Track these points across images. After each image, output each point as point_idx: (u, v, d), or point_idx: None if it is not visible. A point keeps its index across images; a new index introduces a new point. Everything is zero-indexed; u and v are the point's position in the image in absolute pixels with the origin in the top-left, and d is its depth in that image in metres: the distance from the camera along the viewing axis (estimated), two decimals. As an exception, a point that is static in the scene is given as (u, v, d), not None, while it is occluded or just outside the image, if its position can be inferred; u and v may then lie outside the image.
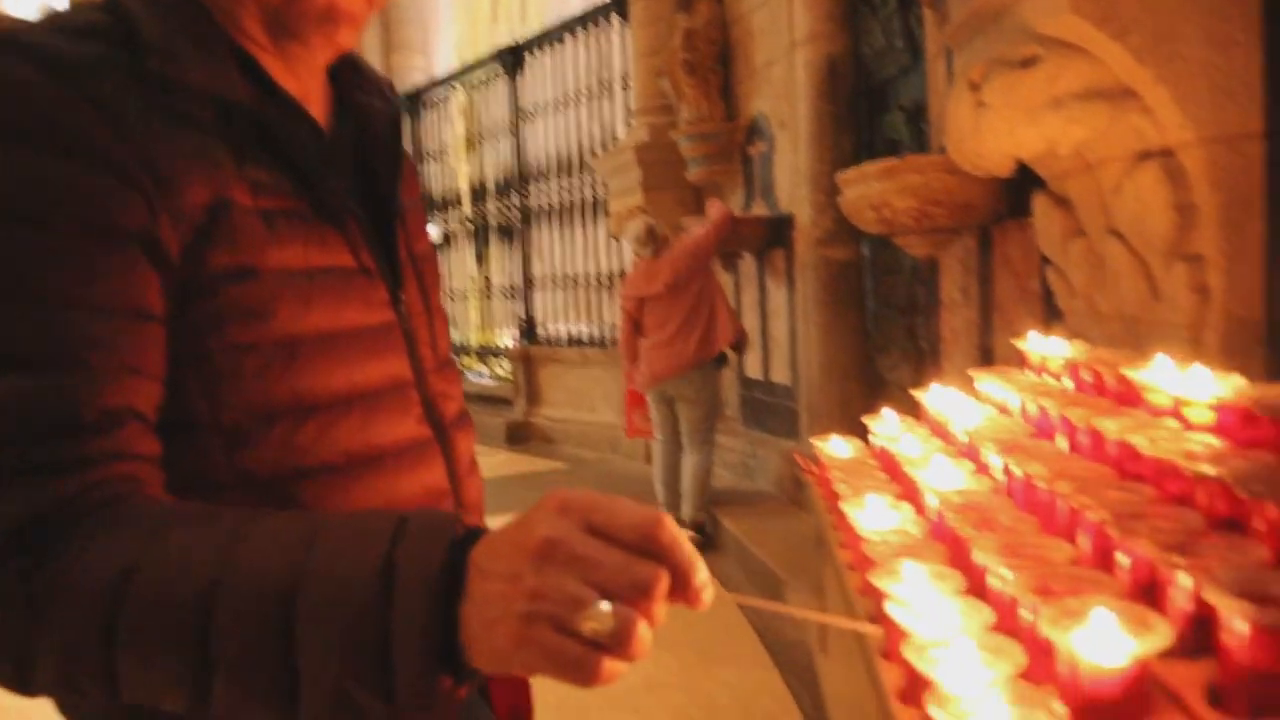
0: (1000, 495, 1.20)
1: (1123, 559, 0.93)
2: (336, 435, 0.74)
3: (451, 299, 10.34)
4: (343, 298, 0.76)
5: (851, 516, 1.25)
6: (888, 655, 0.96)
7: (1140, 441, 1.09)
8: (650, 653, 0.52)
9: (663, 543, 0.53)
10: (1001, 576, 0.92)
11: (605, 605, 0.51)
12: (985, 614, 0.89)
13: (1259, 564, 0.82)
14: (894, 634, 0.91)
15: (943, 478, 1.24)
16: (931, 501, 1.21)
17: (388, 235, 0.83)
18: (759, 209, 5.64)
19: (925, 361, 4.02)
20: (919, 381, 4.08)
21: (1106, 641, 0.73)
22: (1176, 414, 1.21)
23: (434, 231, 10.63)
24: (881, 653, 0.98)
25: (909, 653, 0.84)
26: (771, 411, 5.63)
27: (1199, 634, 0.84)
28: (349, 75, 0.87)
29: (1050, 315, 2.84)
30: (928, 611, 0.89)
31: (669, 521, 0.54)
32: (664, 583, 0.52)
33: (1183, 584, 0.84)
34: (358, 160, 0.84)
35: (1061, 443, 1.34)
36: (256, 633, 0.55)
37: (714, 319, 4.75)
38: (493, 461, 7.55)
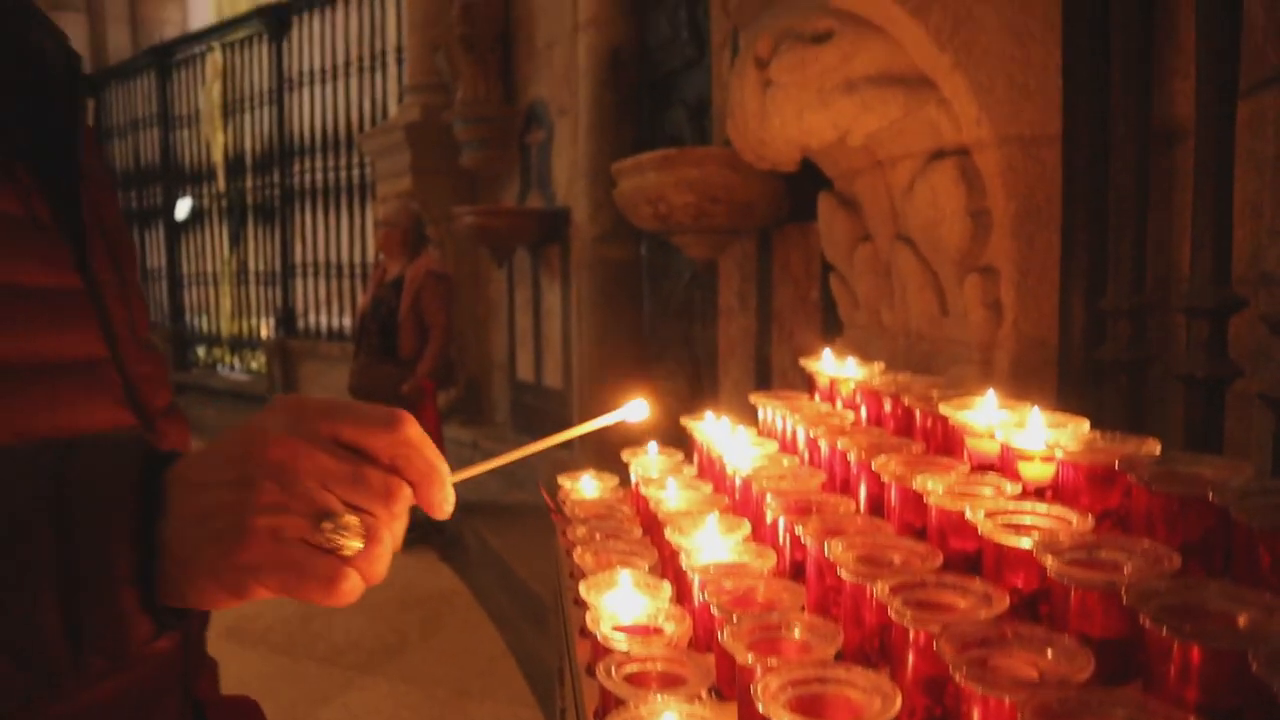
0: (782, 579, 0.89)
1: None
2: (14, 414, 0.65)
3: (203, 284, 9.38)
4: (13, 250, 0.67)
5: (594, 602, 0.91)
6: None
7: (972, 513, 0.82)
8: (396, 690, 0.85)
9: (407, 440, 0.53)
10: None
11: (352, 516, 0.51)
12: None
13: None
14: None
15: (712, 547, 0.92)
16: (698, 587, 0.89)
17: (68, 193, 0.72)
18: (535, 201, 5.29)
19: (701, 370, 3.81)
20: (695, 391, 3.89)
21: None
22: (1005, 467, 0.95)
23: (184, 205, 9.56)
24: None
25: None
26: (543, 417, 5.27)
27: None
28: (19, 15, 0.73)
29: (830, 327, 2.66)
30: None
31: (409, 420, 0.53)
32: (406, 494, 0.53)
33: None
34: (27, 108, 0.72)
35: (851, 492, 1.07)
36: None
37: None
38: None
